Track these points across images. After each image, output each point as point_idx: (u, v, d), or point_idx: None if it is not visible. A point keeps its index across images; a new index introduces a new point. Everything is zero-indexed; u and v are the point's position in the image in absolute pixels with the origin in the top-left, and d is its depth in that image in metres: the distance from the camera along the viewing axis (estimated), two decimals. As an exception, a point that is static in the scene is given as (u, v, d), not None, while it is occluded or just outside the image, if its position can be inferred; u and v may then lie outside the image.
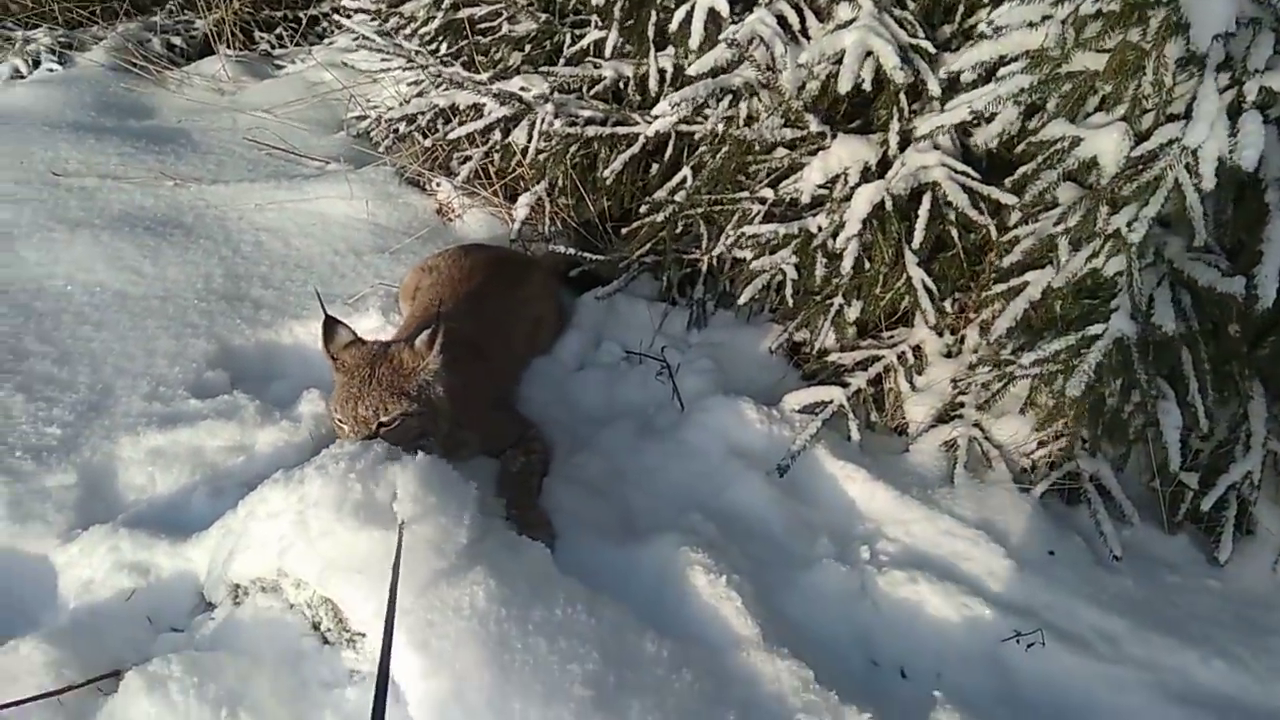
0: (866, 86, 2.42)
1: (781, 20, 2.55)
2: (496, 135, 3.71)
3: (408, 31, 4.09)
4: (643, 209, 3.19)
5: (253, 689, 1.90)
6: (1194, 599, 2.49)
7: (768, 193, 2.87)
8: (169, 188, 4.03)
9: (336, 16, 4.96)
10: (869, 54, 2.37)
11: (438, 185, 4.00)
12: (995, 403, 2.82)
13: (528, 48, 3.73)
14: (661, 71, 3.01)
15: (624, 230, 3.42)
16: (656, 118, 2.64)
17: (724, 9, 2.57)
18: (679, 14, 2.67)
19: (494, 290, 3.05)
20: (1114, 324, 2.11)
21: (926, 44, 2.42)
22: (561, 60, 3.48)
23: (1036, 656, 2.28)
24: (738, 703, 1.98)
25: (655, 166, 3.27)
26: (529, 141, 3.34)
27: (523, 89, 3.52)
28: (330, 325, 2.44)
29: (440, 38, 3.95)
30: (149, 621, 2.17)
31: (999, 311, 2.48)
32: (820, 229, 2.70)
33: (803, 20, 2.58)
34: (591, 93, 3.29)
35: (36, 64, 5.06)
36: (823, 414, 2.89)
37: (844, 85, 2.36)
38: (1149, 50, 1.97)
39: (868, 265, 2.80)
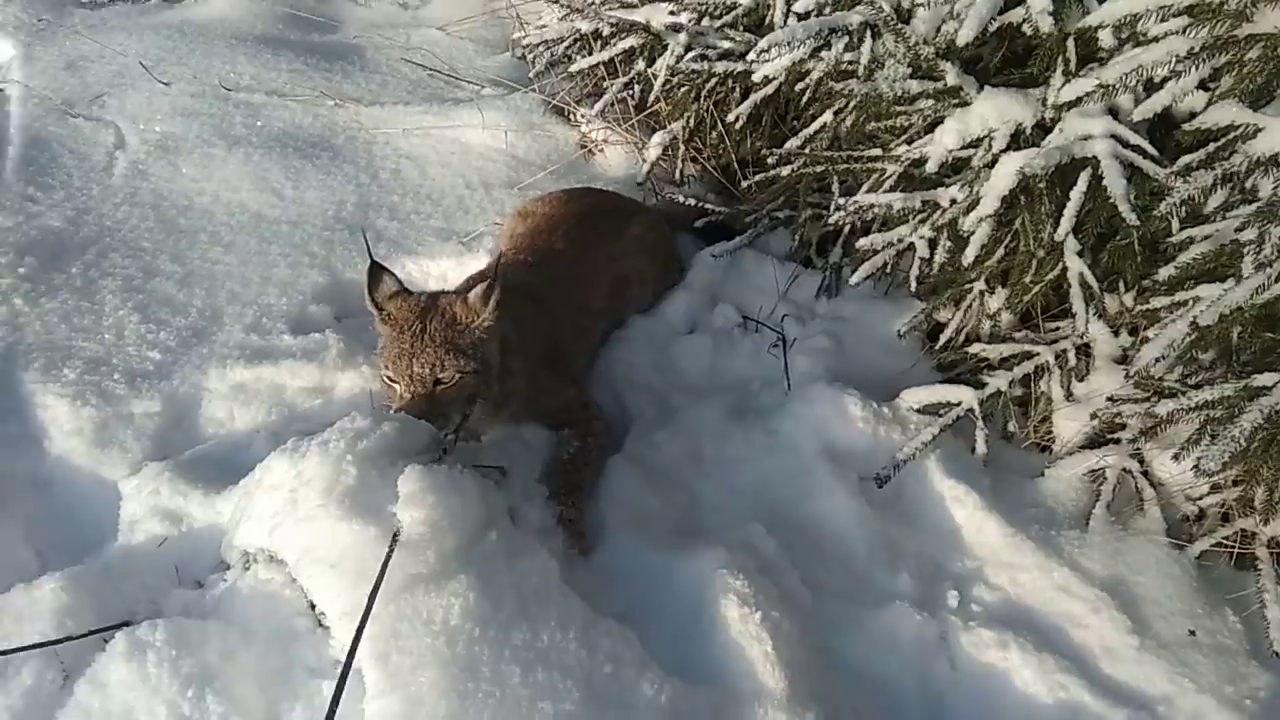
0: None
1: (924, -56, 2.06)
2: (641, 64, 3.39)
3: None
4: (770, 160, 2.79)
5: (231, 668, 1.84)
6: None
7: (905, 150, 2.40)
8: (329, 107, 4.05)
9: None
10: (1011, -5, 1.86)
11: (582, 117, 3.76)
12: (1165, 430, 2.26)
13: (683, -33, 3.35)
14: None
15: (756, 179, 3.04)
16: (766, 60, 2.24)
17: (851, -71, 2.10)
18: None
19: (577, 242, 2.82)
20: (1289, 379, 1.56)
21: (1097, -22, 1.86)
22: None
23: (1138, 768, 1.83)
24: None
25: (792, 112, 2.85)
26: (661, 76, 3.01)
27: (671, 12, 3.18)
28: (375, 272, 2.31)
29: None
30: (176, 571, 2.18)
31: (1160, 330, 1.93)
32: (954, 202, 2.22)
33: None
34: (724, 21, 2.90)
35: (241, -26, 5.23)
36: (945, 418, 2.45)
37: (965, 35, 1.87)
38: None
39: (1021, 246, 2.30)
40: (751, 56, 2.10)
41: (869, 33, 2.10)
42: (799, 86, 2.35)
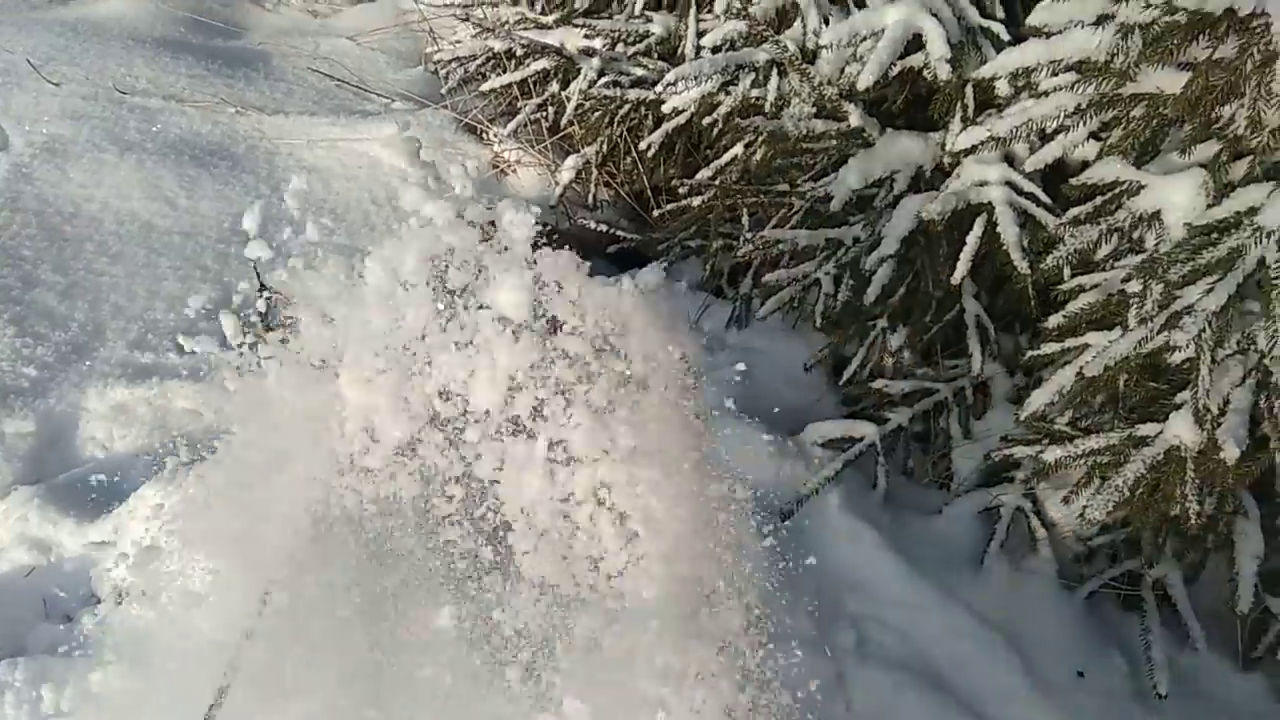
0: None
1: (835, -18, 2.09)
2: (555, 86, 3.36)
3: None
4: (681, 190, 2.79)
5: (96, 711, 1.73)
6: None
7: (811, 187, 2.41)
8: (229, 115, 3.90)
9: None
10: (915, 37, 1.88)
11: (495, 136, 3.70)
12: (1057, 471, 2.31)
13: (599, -12, 3.33)
14: (701, 32, 2.57)
15: (668, 207, 3.03)
16: (675, 93, 2.24)
17: (763, -35, 2.11)
18: (715, -31, 2.24)
19: None
20: (1170, 428, 1.61)
21: (999, 27, 1.90)
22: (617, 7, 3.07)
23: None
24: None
25: (705, 141, 2.85)
26: (574, 100, 2.98)
27: (585, 36, 3.16)
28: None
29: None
30: (44, 604, 2.04)
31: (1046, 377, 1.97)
32: (856, 240, 2.24)
33: (859, -15, 2.10)
34: (638, 49, 2.89)
35: (146, -28, 5.02)
36: (847, 454, 2.47)
37: (865, 79, 1.89)
38: (1247, 72, 1.43)
39: (921, 285, 2.34)
40: (659, 88, 2.08)
41: (775, 70, 2.11)
42: (708, 120, 2.35)
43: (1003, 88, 1.81)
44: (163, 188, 3.43)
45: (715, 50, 2.24)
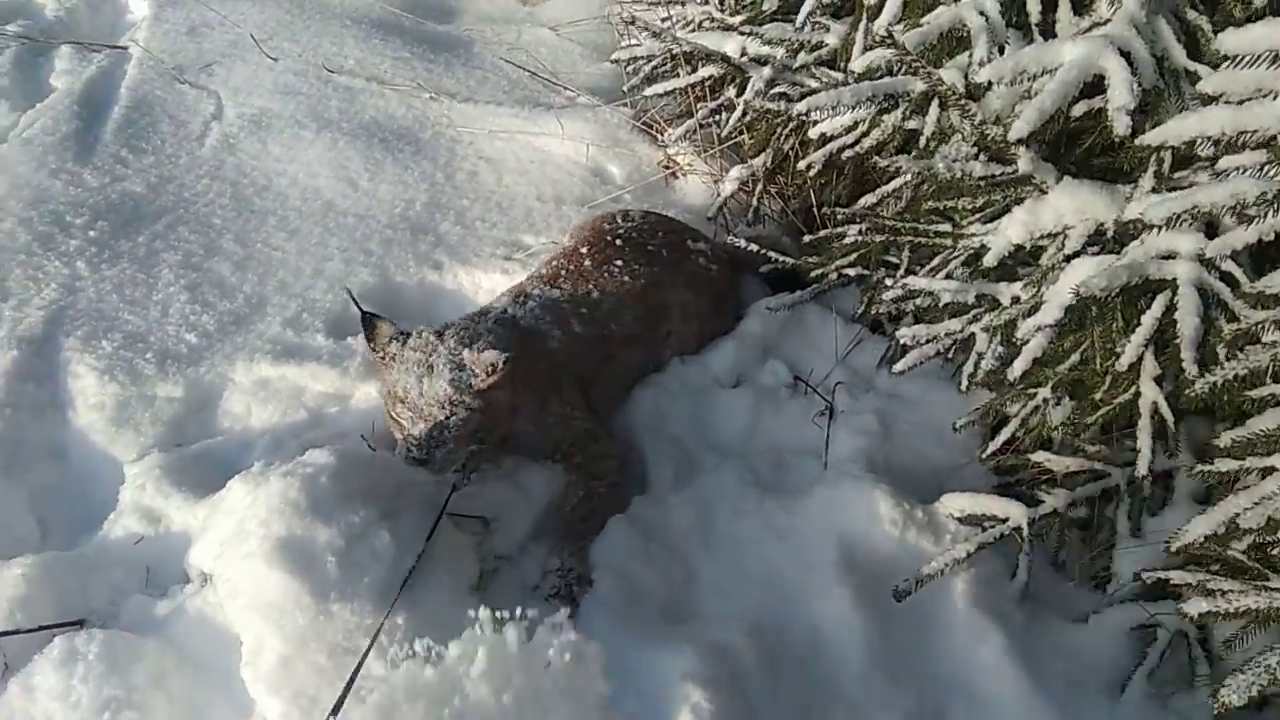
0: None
1: (1015, 7, 1.78)
2: (731, 92, 3.18)
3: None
4: (839, 216, 2.55)
5: (155, 694, 1.78)
6: None
7: (979, 230, 2.12)
8: (424, 100, 4.00)
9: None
10: (1098, 78, 1.56)
11: (669, 137, 3.58)
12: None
13: (789, -12, 3.11)
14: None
15: (822, 233, 2.79)
16: (821, 117, 2.01)
17: (941, -23, 1.83)
18: (879, -23, 1.98)
19: (609, 263, 2.67)
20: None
21: (1210, 72, 1.55)
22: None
23: None
24: None
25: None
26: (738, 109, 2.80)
27: (762, 43, 2.96)
28: (370, 322, 2.28)
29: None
30: (147, 574, 2.14)
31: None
32: (1015, 300, 1.94)
33: (1049, 10, 1.78)
34: (813, 58, 2.65)
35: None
36: (985, 535, 2.17)
37: (1019, 129, 1.58)
38: None
39: (1092, 359, 2.00)
40: (800, 109, 1.87)
41: (936, 102, 1.84)
42: (860, 147, 2.11)
43: (1206, 149, 1.47)
44: (349, 168, 3.56)
45: (864, 76, 2.00)
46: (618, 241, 2.72)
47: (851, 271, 2.81)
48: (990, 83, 1.68)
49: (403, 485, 2.00)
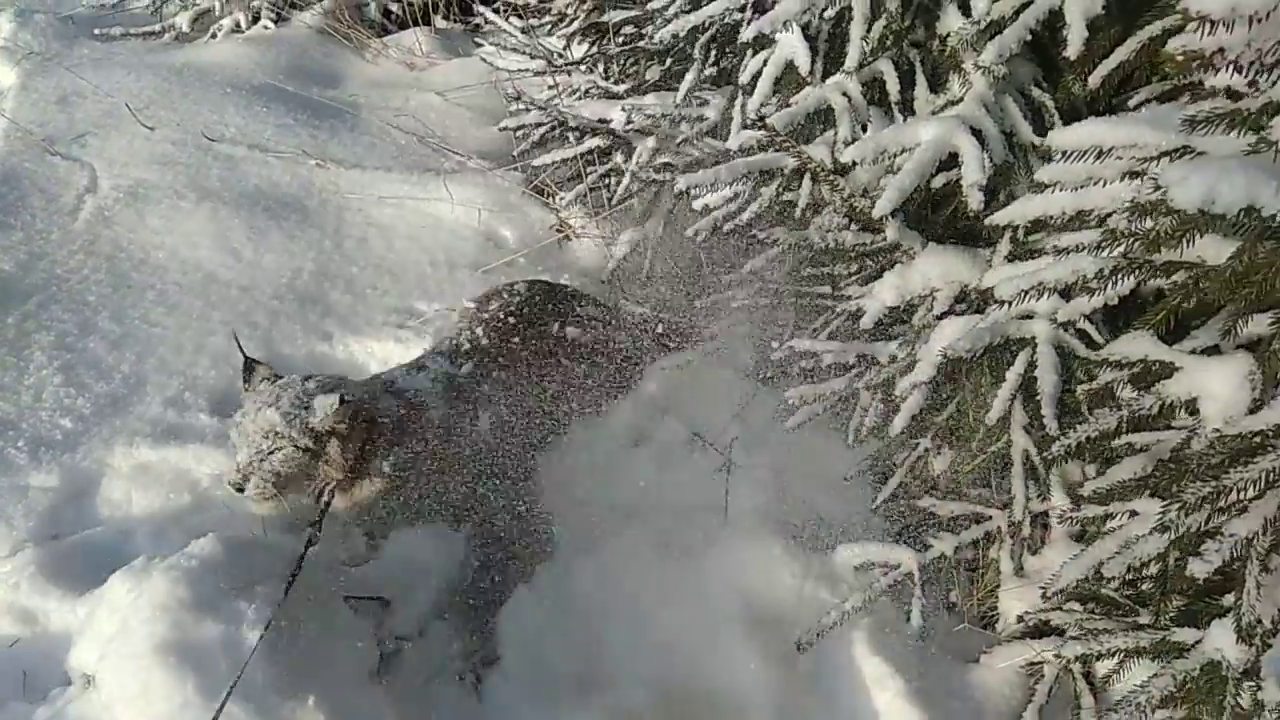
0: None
1: (876, 87, 1.90)
2: (619, 158, 3.26)
3: (562, 31, 3.71)
4: (725, 279, 2.63)
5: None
6: None
7: (856, 292, 2.22)
8: (309, 167, 3.96)
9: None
10: (950, 156, 1.68)
11: (560, 200, 3.63)
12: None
13: (668, 61, 3.22)
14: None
15: (710, 299, 2.87)
16: (700, 193, 2.09)
17: (804, 64, 1.93)
18: (752, 64, 2.07)
19: (510, 333, 2.70)
20: (1210, 641, 1.35)
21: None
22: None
23: None
24: None
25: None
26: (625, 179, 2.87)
27: (649, 107, 3.05)
28: (250, 365, 2.32)
29: (582, 38, 3.54)
30: (24, 676, 2.01)
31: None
32: (893, 359, 2.04)
33: (906, 89, 1.90)
34: (695, 130, 2.75)
35: (256, 19, 5.19)
36: (878, 584, 2.24)
37: (881, 207, 1.69)
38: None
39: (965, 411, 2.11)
40: (680, 186, 1.94)
41: (808, 176, 1.94)
42: (740, 219, 2.19)
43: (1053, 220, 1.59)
44: (231, 239, 3.49)
45: (742, 151, 2.09)
46: (510, 319, 2.72)
47: (743, 330, 2.89)
48: (855, 161, 1.78)
49: (282, 569, 1.94)
